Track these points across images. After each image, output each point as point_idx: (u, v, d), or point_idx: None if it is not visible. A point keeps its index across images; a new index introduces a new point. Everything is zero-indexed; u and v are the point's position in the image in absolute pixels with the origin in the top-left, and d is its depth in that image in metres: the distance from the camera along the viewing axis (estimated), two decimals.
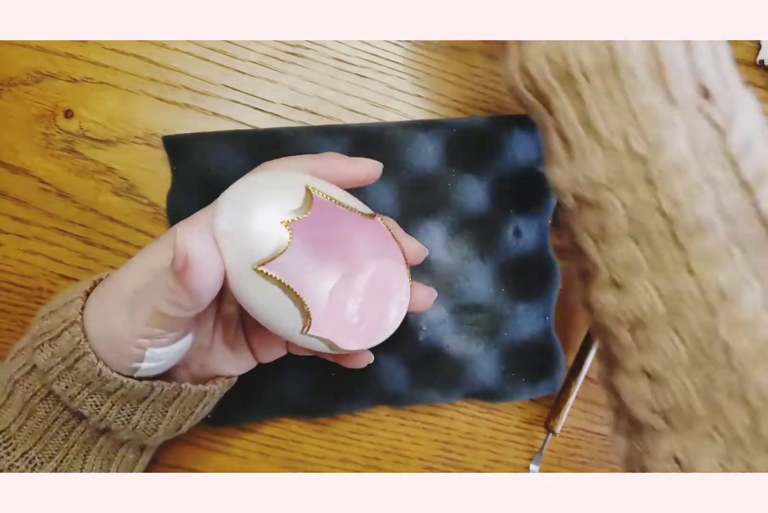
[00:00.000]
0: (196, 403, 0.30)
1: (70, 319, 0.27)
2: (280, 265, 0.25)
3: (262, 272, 0.24)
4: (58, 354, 0.27)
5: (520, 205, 0.38)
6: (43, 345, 0.27)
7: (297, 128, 0.37)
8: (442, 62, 0.39)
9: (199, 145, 0.36)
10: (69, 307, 0.27)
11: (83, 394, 0.27)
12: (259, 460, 0.38)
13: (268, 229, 0.24)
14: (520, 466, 0.40)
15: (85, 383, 0.27)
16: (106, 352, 0.27)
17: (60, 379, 0.27)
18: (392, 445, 0.39)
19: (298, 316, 0.26)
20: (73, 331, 0.26)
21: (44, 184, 0.36)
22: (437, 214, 0.38)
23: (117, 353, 0.27)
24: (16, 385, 0.28)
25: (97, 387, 0.27)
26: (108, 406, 0.28)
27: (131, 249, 0.37)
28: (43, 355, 0.27)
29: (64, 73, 0.36)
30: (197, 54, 0.37)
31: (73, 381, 0.27)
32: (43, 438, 0.28)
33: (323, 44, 0.38)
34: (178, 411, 0.30)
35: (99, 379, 0.27)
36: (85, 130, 0.37)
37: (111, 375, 0.27)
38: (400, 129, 0.37)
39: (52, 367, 0.27)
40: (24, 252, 0.36)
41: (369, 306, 0.29)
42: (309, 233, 0.26)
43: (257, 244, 0.24)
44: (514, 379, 0.39)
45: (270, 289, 0.25)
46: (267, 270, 0.24)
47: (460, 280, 0.38)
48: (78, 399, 0.27)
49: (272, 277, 0.24)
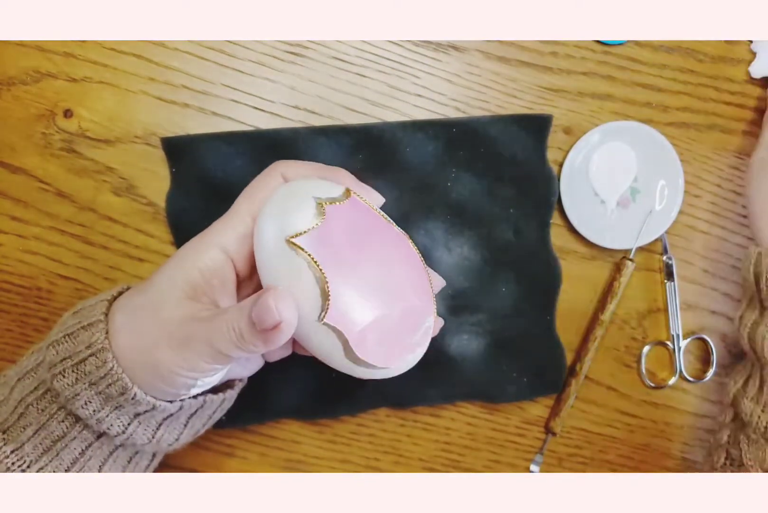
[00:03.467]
0: (214, 409, 0.31)
1: (96, 345, 0.26)
2: (313, 246, 0.25)
3: (292, 243, 0.25)
4: (84, 379, 0.26)
5: (521, 204, 0.38)
6: (65, 371, 0.26)
7: (297, 128, 0.37)
8: (442, 62, 0.39)
9: (199, 145, 0.36)
10: (92, 331, 0.27)
11: (111, 417, 0.27)
12: (259, 460, 0.38)
13: (304, 206, 0.26)
14: (520, 467, 0.40)
15: (115, 406, 0.27)
16: (144, 379, 0.26)
17: (87, 404, 0.27)
18: (392, 445, 0.39)
19: (318, 296, 0.25)
20: (101, 356, 0.26)
21: (43, 183, 0.36)
22: (437, 213, 0.38)
23: (161, 382, 0.26)
24: (29, 408, 0.28)
25: (127, 410, 0.27)
26: (135, 425, 0.28)
27: (130, 249, 0.37)
28: (66, 381, 0.26)
29: (63, 72, 0.36)
30: (197, 53, 0.37)
31: (101, 405, 0.27)
32: (60, 454, 0.28)
33: (323, 44, 0.38)
34: (198, 420, 0.30)
35: (131, 403, 0.27)
36: (84, 130, 0.36)
37: (145, 399, 0.26)
38: (400, 129, 0.37)
39: (79, 393, 0.26)
40: (23, 252, 0.36)
41: (392, 325, 0.28)
42: (344, 223, 0.27)
43: (293, 219, 0.26)
44: (515, 380, 0.39)
45: (295, 263, 0.25)
46: (298, 242, 0.25)
47: (460, 280, 0.38)
48: (106, 421, 0.27)
49: (301, 249, 0.25)
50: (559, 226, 0.40)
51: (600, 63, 0.40)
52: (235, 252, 0.28)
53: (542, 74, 0.39)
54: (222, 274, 0.28)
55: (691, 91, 0.41)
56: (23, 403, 0.28)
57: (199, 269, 0.27)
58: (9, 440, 0.27)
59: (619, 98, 0.40)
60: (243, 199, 0.29)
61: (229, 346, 0.25)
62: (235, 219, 0.28)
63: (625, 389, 0.41)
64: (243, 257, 0.28)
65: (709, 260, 0.41)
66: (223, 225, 0.28)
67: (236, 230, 0.28)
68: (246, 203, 0.29)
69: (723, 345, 0.42)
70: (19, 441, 0.27)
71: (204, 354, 0.26)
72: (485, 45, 0.39)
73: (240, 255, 0.28)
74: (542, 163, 0.38)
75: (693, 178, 0.41)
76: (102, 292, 0.36)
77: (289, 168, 0.29)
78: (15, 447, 0.27)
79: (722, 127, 0.41)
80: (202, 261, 0.27)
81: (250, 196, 0.29)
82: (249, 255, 0.28)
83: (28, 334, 0.36)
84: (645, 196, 0.40)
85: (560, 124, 0.40)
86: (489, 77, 0.39)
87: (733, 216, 0.41)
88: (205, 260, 0.27)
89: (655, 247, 0.41)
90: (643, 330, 0.41)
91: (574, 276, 0.40)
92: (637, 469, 0.41)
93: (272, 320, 0.24)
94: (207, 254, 0.27)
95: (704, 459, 0.40)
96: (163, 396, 0.27)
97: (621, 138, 0.39)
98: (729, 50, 0.41)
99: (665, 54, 0.40)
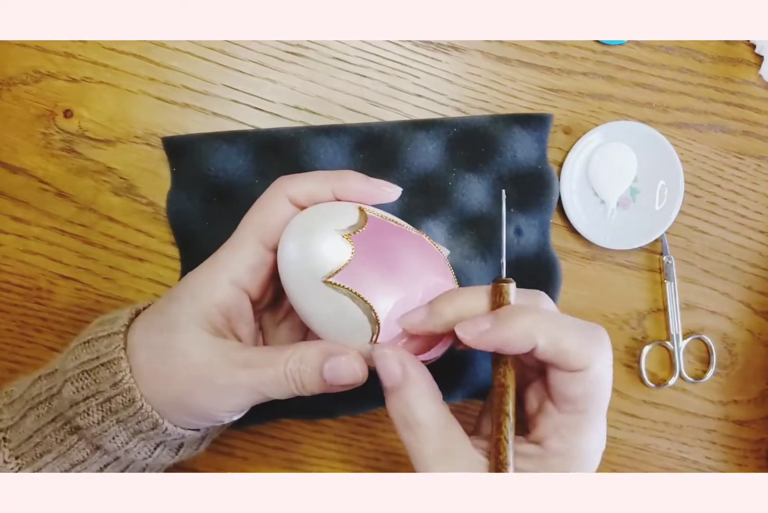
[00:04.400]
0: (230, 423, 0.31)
1: (122, 385, 0.26)
2: (346, 277, 0.25)
3: (331, 283, 0.25)
4: (111, 417, 0.26)
5: (521, 204, 0.38)
6: (90, 410, 0.26)
7: (297, 128, 0.37)
8: (442, 62, 0.39)
9: (199, 145, 0.36)
10: (113, 370, 0.26)
11: (138, 446, 0.27)
12: (259, 460, 0.38)
13: (331, 244, 0.26)
14: None
15: (143, 438, 0.27)
16: (174, 416, 0.27)
17: (115, 438, 0.27)
18: (392, 445, 0.39)
19: (367, 323, 0.26)
20: (129, 396, 0.26)
21: (44, 183, 0.36)
22: (438, 213, 0.38)
23: (193, 419, 0.27)
24: (47, 438, 0.27)
25: (155, 439, 0.27)
26: (159, 450, 0.28)
27: (130, 249, 0.37)
28: (92, 419, 0.26)
29: (63, 72, 0.36)
30: (197, 54, 0.37)
31: (129, 437, 0.27)
32: (69, 470, 0.28)
33: (323, 44, 0.38)
34: (215, 432, 0.31)
35: (162, 435, 0.27)
36: (84, 130, 0.36)
37: (176, 431, 0.27)
38: (401, 129, 0.37)
39: (107, 430, 0.26)
40: (23, 252, 0.36)
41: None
42: (368, 247, 0.27)
43: (323, 260, 0.25)
44: None
45: (338, 301, 0.25)
46: (336, 281, 0.25)
47: (461, 280, 0.38)
48: (133, 451, 0.27)
49: (341, 287, 0.25)
50: (559, 226, 0.40)
51: (600, 63, 0.40)
52: (249, 284, 0.28)
53: (542, 74, 0.39)
54: (239, 308, 0.28)
55: (691, 91, 0.41)
56: (40, 433, 0.27)
57: (216, 306, 0.27)
58: (24, 465, 0.27)
59: (619, 98, 0.40)
60: (249, 225, 0.28)
61: (282, 393, 0.26)
62: (244, 249, 0.28)
63: (625, 389, 0.41)
64: (257, 287, 0.28)
65: (709, 260, 0.41)
66: (233, 256, 0.28)
67: (246, 262, 0.27)
68: (254, 232, 0.28)
69: (723, 345, 0.42)
70: (35, 467, 0.27)
71: (248, 399, 0.26)
72: (485, 45, 0.39)
73: (254, 285, 0.28)
74: (542, 163, 0.38)
75: (693, 178, 0.41)
76: (102, 291, 0.37)
77: (294, 186, 0.28)
78: (32, 471, 0.27)
79: (722, 127, 0.41)
80: (217, 298, 0.27)
81: (259, 223, 0.28)
82: (262, 284, 0.28)
83: (28, 334, 0.36)
84: (645, 196, 0.40)
85: (560, 124, 0.40)
86: (489, 77, 0.39)
87: (733, 216, 0.41)
88: (220, 296, 0.27)
89: (655, 247, 0.41)
90: (643, 330, 0.41)
91: (574, 276, 0.40)
92: (637, 469, 0.41)
93: (352, 381, 0.25)
94: (221, 290, 0.27)
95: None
96: (192, 427, 0.27)
97: (621, 138, 0.39)
98: (729, 50, 0.41)
99: (665, 54, 0.40)
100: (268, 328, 0.32)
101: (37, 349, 0.36)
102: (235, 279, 0.27)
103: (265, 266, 0.28)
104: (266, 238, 0.27)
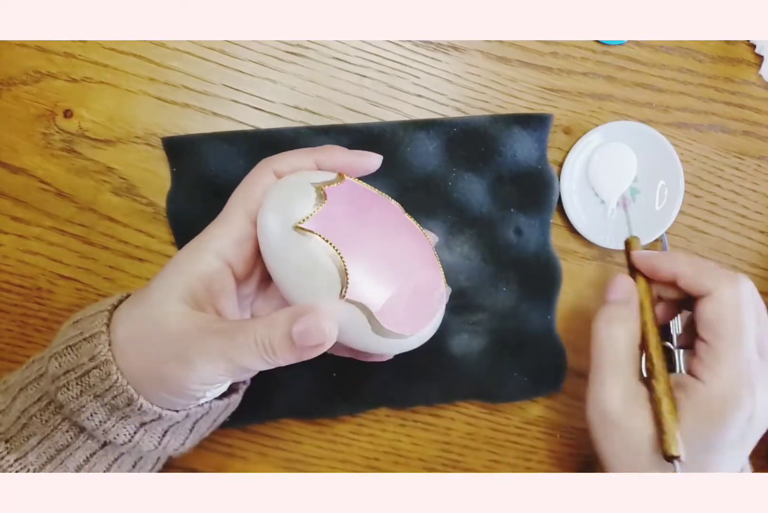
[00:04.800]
0: (219, 414, 0.31)
1: (99, 357, 0.26)
2: (318, 228, 0.25)
3: (300, 229, 0.25)
4: (89, 392, 0.26)
5: (521, 204, 0.38)
6: (69, 384, 0.26)
7: (297, 128, 0.37)
8: (442, 62, 0.39)
9: (199, 145, 0.36)
10: (94, 342, 0.26)
11: (117, 427, 0.27)
12: (259, 460, 0.38)
13: (303, 192, 0.26)
14: (520, 467, 0.40)
15: (121, 417, 0.27)
16: (150, 390, 0.26)
17: (93, 415, 0.26)
18: (392, 445, 0.39)
19: (336, 275, 0.25)
20: (105, 369, 0.26)
21: (44, 184, 0.36)
22: (438, 213, 0.38)
23: (168, 394, 0.26)
24: (33, 419, 0.27)
25: (133, 419, 0.27)
26: (141, 433, 0.27)
27: (131, 249, 0.37)
28: (71, 394, 0.26)
29: (63, 72, 0.36)
30: (197, 53, 0.37)
31: (107, 415, 0.27)
32: (65, 462, 0.28)
33: (323, 44, 0.38)
34: (203, 424, 0.30)
35: (138, 413, 0.26)
36: (84, 130, 0.36)
37: (151, 409, 0.26)
38: (401, 129, 0.37)
39: (84, 405, 0.26)
40: (23, 252, 0.36)
41: (408, 295, 0.28)
42: (342, 203, 0.27)
43: (294, 208, 0.26)
44: (515, 379, 0.39)
45: (307, 247, 0.25)
46: (305, 226, 0.25)
47: (461, 280, 0.38)
48: (112, 431, 0.27)
49: (310, 232, 0.25)
50: (559, 226, 0.40)
51: (600, 63, 0.40)
52: (233, 257, 0.28)
53: (542, 74, 0.39)
54: (221, 281, 0.28)
55: (691, 91, 0.41)
56: (26, 413, 0.28)
57: (199, 278, 0.27)
58: (12, 449, 0.27)
59: (619, 98, 0.40)
60: (236, 200, 0.29)
61: (254, 361, 0.25)
62: (231, 223, 0.28)
63: None
64: (241, 261, 0.28)
65: (709, 260, 0.41)
66: (219, 230, 0.28)
67: (232, 235, 0.28)
68: (240, 205, 0.28)
69: None
70: (22, 450, 0.27)
71: (220, 368, 0.25)
72: (485, 45, 0.39)
73: (238, 259, 0.28)
74: (542, 163, 0.38)
75: (693, 178, 0.41)
76: (102, 291, 0.37)
77: (279, 162, 0.29)
78: (19, 456, 0.27)
79: (722, 127, 0.41)
80: (200, 269, 0.27)
81: (244, 196, 0.28)
82: (247, 258, 0.28)
83: (28, 334, 0.36)
84: (645, 196, 0.40)
85: (560, 124, 0.40)
86: (489, 77, 0.39)
87: (733, 216, 0.41)
88: (203, 268, 0.27)
89: (655, 247, 0.41)
90: None
91: (574, 276, 0.40)
92: None
93: (319, 340, 0.25)
94: (204, 262, 0.27)
95: None
96: (169, 406, 0.27)
97: (621, 138, 0.39)
98: (729, 50, 0.41)
99: (665, 54, 0.40)
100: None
101: (37, 349, 0.36)
102: (220, 251, 0.27)
103: (250, 240, 0.28)
104: (252, 210, 0.28)
